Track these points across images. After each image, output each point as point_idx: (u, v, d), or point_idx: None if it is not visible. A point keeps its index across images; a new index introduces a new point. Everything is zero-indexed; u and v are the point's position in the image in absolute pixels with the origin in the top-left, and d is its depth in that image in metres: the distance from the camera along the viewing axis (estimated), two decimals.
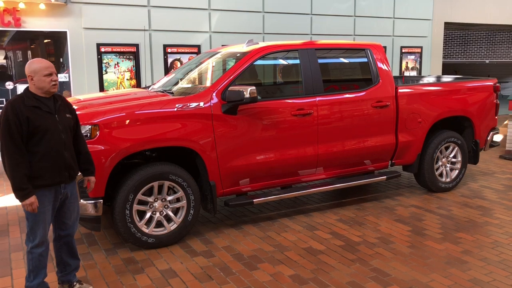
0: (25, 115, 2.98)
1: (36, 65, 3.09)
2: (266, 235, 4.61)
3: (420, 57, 12.47)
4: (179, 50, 9.45)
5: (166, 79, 5.68)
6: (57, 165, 3.12)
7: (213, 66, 5.47)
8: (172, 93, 4.81)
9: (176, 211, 4.37)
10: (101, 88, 8.83)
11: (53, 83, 3.09)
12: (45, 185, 3.09)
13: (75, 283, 3.47)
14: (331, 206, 5.52)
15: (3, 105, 8.18)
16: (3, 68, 8.34)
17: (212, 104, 4.40)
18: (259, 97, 4.51)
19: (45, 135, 3.05)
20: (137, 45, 9.02)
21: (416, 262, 3.96)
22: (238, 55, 4.95)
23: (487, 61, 14.37)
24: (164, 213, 4.30)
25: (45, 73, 3.07)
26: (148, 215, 4.24)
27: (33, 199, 3.00)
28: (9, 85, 8.23)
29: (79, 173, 3.41)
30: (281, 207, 5.48)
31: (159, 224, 4.31)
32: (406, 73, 12.27)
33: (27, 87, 3.14)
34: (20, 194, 2.99)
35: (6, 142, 2.96)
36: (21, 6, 7.90)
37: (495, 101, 6.28)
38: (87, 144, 3.50)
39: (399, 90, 5.46)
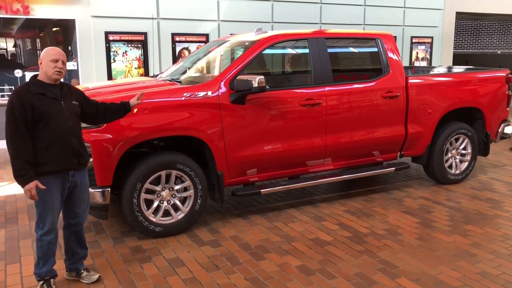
0: (30, 101, 3.00)
1: (47, 51, 3.14)
2: (273, 225, 4.60)
3: (431, 47, 12.31)
4: (187, 39, 9.40)
5: (174, 68, 5.65)
6: (64, 151, 3.13)
7: (221, 55, 5.43)
8: (180, 82, 4.78)
9: (183, 201, 4.37)
10: (109, 77, 8.82)
11: (57, 69, 3.09)
12: (52, 172, 3.11)
13: (82, 271, 3.49)
14: (338, 197, 5.49)
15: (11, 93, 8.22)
16: (13, 56, 8.35)
17: (220, 94, 4.37)
18: (267, 87, 4.47)
19: (51, 121, 3.07)
20: (145, 34, 8.99)
21: (424, 254, 3.93)
22: (246, 44, 4.90)
23: (499, 51, 14.15)
24: (172, 202, 4.30)
25: (51, 59, 3.09)
26: (155, 204, 4.24)
27: (32, 185, 3.00)
28: (17, 73, 8.24)
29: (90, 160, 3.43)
30: (288, 197, 5.47)
31: (166, 213, 4.31)
32: (416, 64, 12.13)
33: (34, 75, 3.17)
34: (20, 180, 3.01)
35: (10, 128, 2.99)
36: None
37: (507, 92, 6.19)
38: (104, 103, 3.55)
39: (410, 81, 5.39)
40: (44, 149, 3.07)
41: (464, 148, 5.96)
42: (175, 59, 9.27)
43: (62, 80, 3.24)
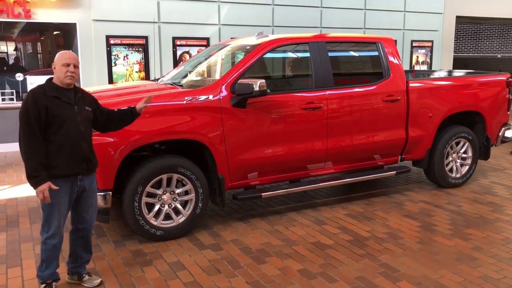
0: (44, 104, 3.03)
1: (59, 55, 3.16)
2: (274, 229, 4.60)
3: (431, 51, 12.33)
4: (188, 43, 9.43)
5: (175, 71, 5.67)
6: (74, 156, 3.15)
7: (222, 59, 5.44)
8: (181, 85, 4.79)
9: (184, 204, 4.37)
10: (110, 81, 8.84)
11: (68, 74, 3.11)
12: (62, 176, 3.12)
13: (84, 275, 3.48)
14: (339, 200, 5.50)
15: (13, 96, 8.24)
16: (15, 59, 8.38)
17: (221, 97, 4.38)
18: (268, 90, 4.48)
19: (63, 125, 3.09)
20: (146, 38, 9.01)
21: (425, 258, 3.93)
22: (247, 47, 4.92)
23: (499, 55, 14.18)
24: (173, 205, 4.30)
25: (63, 63, 3.11)
26: (156, 207, 4.24)
27: (45, 186, 3.02)
28: (19, 76, 8.26)
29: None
30: (289, 201, 5.47)
31: (167, 217, 4.31)
32: (417, 67, 12.15)
33: (50, 78, 3.19)
34: (33, 181, 3.03)
35: (24, 130, 3.01)
36: None
37: (507, 96, 6.20)
38: (116, 110, 3.57)
39: (410, 85, 5.40)
40: (54, 153, 3.08)
41: (465, 152, 5.97)
42: (176, 63, 9.30)
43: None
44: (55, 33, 8.56)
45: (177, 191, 4.30)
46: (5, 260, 3.93)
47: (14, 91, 8.27)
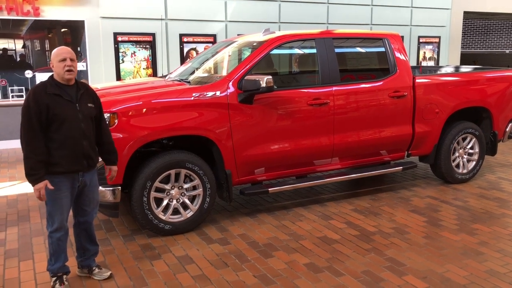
0: (45, 102, 3.04)
1: (54, 52, 3.17)
2: (281, 223, 4.64)
3: (438, 47, 12.28)
4: (195, 40, 9.47)
5: (182, 68, 5.71)
6: (75, 153, 3.17)
7: (229, 56, 5.48)
8: (188, 82, 4.83)
9: (192, 199, 4.42)
10: (118, 77, 8.90)
11: (66, 68, 3.10)
12: (62, 172, 3.15)
13: (94, 268, 3.54)
14: (346, 196, 5.52)
15: (21, 93, 8.33)
16: (23, 57, 8.46)
17: (228, 93, 4.41)
18: (275, 87, 4.51)
19: (64, 123, 3.10)
20: (153, 34, 9.06)
21: (431, 253, 3.95)
22: (254, 44, 4.95)
23: (507, 51, 14.09)
24: (181, 200, 4.36)
25: (59, 59, 3.12)
26: (165, 202, 4.29)
27: (41, 185, 3.05)
28: (28, 73, 8.34)
29: (100, 160, 3.47)
30: (296, 196, 5.50)
31: (175, 212, 4.36)
32: (424, 63, 12.11)
33: (52, 75, 3.21)
34: (30, 179, 3.07)
35: (24, 127, 3.05)
36: None
37: None
38: (110, 135, 3.53)
39: (417, 80, 5.40)
40: (55, 150, 3.11)
41: (472, 148, 5.97)
42: (183, 59, 9.34)
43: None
44: (63, 30, 8.63)
45: (185, 186, 4.35)
46: (17, 253, 4.01)
47: (23, 87, 8.36)
